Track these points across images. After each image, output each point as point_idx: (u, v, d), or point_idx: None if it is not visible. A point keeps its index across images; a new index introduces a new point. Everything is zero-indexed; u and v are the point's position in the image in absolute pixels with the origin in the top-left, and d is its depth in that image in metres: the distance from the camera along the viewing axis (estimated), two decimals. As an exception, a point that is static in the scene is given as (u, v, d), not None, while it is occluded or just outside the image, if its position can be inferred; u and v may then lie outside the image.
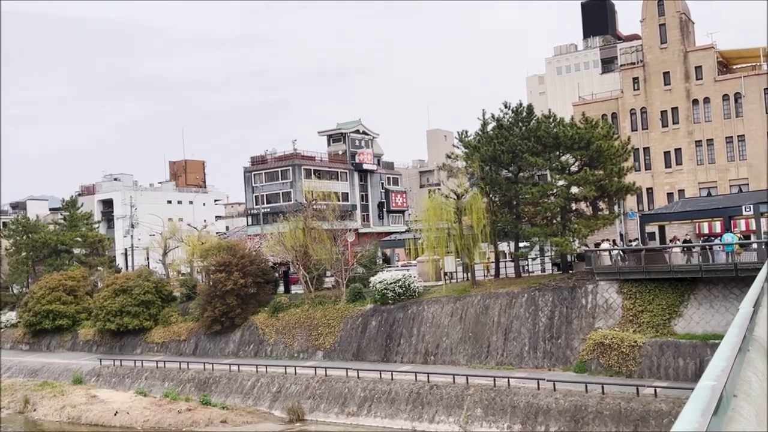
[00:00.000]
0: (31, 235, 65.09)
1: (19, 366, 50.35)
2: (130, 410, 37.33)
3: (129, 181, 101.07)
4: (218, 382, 40.04)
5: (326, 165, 79.97)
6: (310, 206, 50.00)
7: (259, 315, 45.63)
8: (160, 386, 41.65)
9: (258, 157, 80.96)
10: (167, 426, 35.44)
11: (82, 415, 38.19)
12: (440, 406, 31.76)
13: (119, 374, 44.58)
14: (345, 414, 34.13)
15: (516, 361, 34.53)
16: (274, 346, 43.68)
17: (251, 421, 35.08)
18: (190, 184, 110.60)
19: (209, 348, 46.46)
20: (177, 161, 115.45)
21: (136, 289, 50.09)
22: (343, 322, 41.63)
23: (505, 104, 40.25)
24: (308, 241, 45.97)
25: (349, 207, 78.95)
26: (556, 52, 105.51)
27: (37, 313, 54.85)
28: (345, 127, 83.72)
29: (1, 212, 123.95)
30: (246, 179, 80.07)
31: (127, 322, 49.59)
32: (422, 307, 39.09)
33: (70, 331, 55.12)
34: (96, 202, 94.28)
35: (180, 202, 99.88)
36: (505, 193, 39.73)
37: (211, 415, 35.76)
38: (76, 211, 68.56)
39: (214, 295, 45.33)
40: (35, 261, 64.98)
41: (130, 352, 49.63)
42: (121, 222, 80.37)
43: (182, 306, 51.11)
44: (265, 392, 37.86)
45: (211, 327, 45.95)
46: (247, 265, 46.41)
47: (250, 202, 79.82)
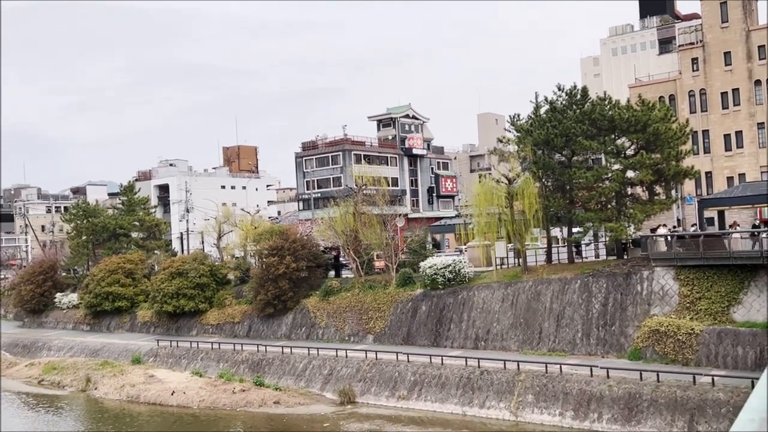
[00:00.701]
0: (91, 219, 67.13)
1: (80, 346, 52.22)
2: (186, 390, 38.35)
3: (184, 166, 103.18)
4: (271, 363, 40.77)
5: (376, 150, 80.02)
6: (360, 191, 50.18)
7: (311, 298, 46.20)
8: (215, 367, 42.66)
9: (309, 142, 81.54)
10: (222, 406, 36.30)
11: (140, 394, 39.42)
12: (491, 392, 31.66)
13: (176, 355, 45.82)
14: (395, 397, 34.36)
15: (568, 347, 34.12)
16: (325, 330, 44.19)
17: (303, 402, 35.64)
18: (243, 169, 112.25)
19: (262, 330, 47.30)
20: (230, 147, 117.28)
21: (192, 272, 51.27)
22: (393, 306, 41.81)
23: (559, 87, 39.52)
24: (358, 226, 46.20)
25: (399, 192, 78.94)
26: (611, 32, 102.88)
27: (97, 294, 56.72)
28: (395, 111, 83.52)
29: (63, 197, 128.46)
30: (297, 164, 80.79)
31: (183, 304, 50.86)
32: (473, 293, 38.93)
33: (128, 312, 56.85)
34: (153, 187, 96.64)
35: (233, 188, 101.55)
36: (558, 178, 39.09)
37: (264, 395, 36.46)
38: (134, 195, 70.41)
39: (266, 279, 46.07)
40: (95, 244, 67.04)
41: (186, 333, 50.91)
42: (177, 206, 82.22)
43: (236, 289, 52.12)
44: (316, 374, 38.39)
45: (264, 310, 46.77)
46: (299, 249, 46.96)
47: (301, 187, 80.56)
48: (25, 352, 54.71)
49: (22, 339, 57.84)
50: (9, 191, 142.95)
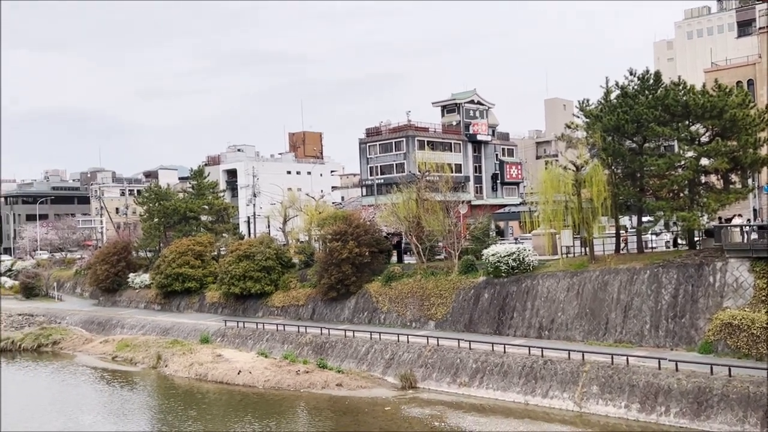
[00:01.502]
0: (162, 202, 69.23)
1: (152, 324, 54.16)
2: (252, 370, 39.31)
3: (251, 152, 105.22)
4: (334, 346, 41.35)
5: (440, 136, 79.61)
6: (423, 177, 50.07)
7: (373, 283, 46.53)
8: (280, 348, 43.55)
9: (372, 128, 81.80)
10: (286, 386, 37.07)
11: (208, 372, 40.62)
12: (554, 382, 31.27)
13: (242, 335, 47.00)
14: (457, 384, 34.34)
15: (636, 339, 33.33)
16: (387, 314, 44.47)
17: (365, 385, 36.03)
18: (308, 155, 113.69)
19: (325, 313, 47.98)
20: (296, 133, 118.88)
21: (258, 255, 52.38)
22: (455, 293, 41.70)
23: (631, 71, 38.30)
24: (421, 212, 46.16)
25: (462, 178, 78.42)
26: (686, 15, 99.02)
27: (168, 275, 58.62)
28: (459, 97, 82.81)
29: (137, 181, 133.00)
30: (361, 150, 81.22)
31: (250, 286, 52.05)
32: (537, 281, 38.43)
33: (197, 293, 58.56)
34: (221, 171, 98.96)
35: (299, 173, 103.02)
36: (628, 165, 38.03)
37: (327, 378, 37.04)
38: (203, 180, 72.23)
39: (330, 263, 46.64)
40: (166, 227, 69.16)
41: (252, 314, 52.13)
42: (244, 191, 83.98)
43: (301, 272, 52.97)
44: (378, 358, 38.72)
45: (328, 293, 47.40)
46: (362, 234, 47.31)
47: (365, 173, 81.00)
48: (100, 329, 57.12)
49: (98, 317, 60.40)
50: (86, 174, 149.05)
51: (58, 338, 54.59)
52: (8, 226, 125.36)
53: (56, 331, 55.90)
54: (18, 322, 59.25)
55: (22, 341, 54.68)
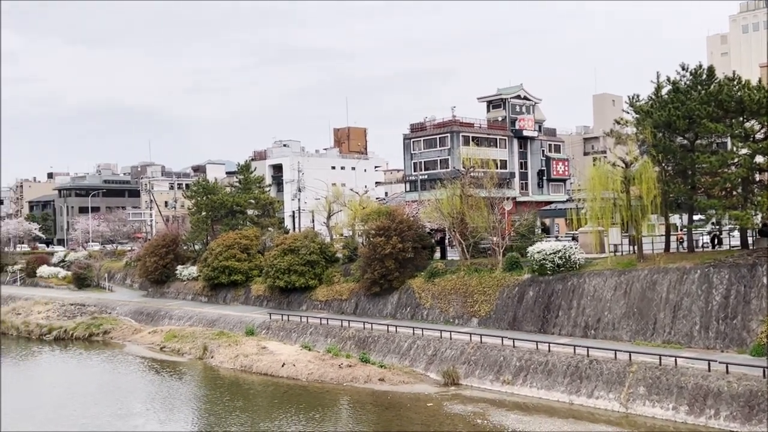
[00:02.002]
0: (210, 196, 70.36)
1: (199, 316, 55.19)
2: (296, 363, 39.74)
3: (297, 147, 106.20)
4: (377, 341, 41.50)
5: (485, 132, 79.03)
6: (468, 173, 49.78)
7: (416, 279, 46.53)
8: (323, 342, 43.92)
9: (417, 124, 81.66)
10: (329, 380, 37.38)
11: (253, 364, 41.22)
12: (600, 382, 30.82)
13: (286, 328, 47.54)
14: (500, 382, 34.12)
15: (684, 340, 32.60)
16: (429, 310, 44.42)
17: (408, 381, 36.08)
18: (353, 150, 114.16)
19: (368, 308, 48.18)
20: (340, 128, 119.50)
21: (303, 249, 52.87)
22: (499, 290, 41.40)
23: (683, 66, 37.36)
24: (465, 208, 45.93)
25: (507, 175, 77.71)
26: (742, 8, 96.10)
27: (215, 268, 59.60)
28: (505, 92, 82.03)
29: (185, 175, 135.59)
30: (405, 146, 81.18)
31: (294, 280, 52.60)
32: (583, 280, 37.88)
33: (243, 286, 59.43)
34: (267, 166, 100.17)
35: (343, 168, 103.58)
36: (679, 162, 37.13)
37: (370, 372, 37.20)
38: (250, 174, 73.20)
39: (373, 258, 46.80)
40: (214, 220, 70.29)
41: (297, 308, 52.68)
42: (290, 186, 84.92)
43: (344, 267, 53.29)
44: (421, 354, 38.73)
45: (371, 288, 47.59)
46: (405, 230, 47.32)
47: (409, 169, 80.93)
48: (149, 320, 58.46)
49: (146, 307, 61.83)
50: (136, 168, 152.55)
51: (109, 328, 56.11)
52: (62, 218, 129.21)
53: (107, 321, 57.46)
54: (70, 312, 61.05)
55: (74, 330, 56.38)
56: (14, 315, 62.79)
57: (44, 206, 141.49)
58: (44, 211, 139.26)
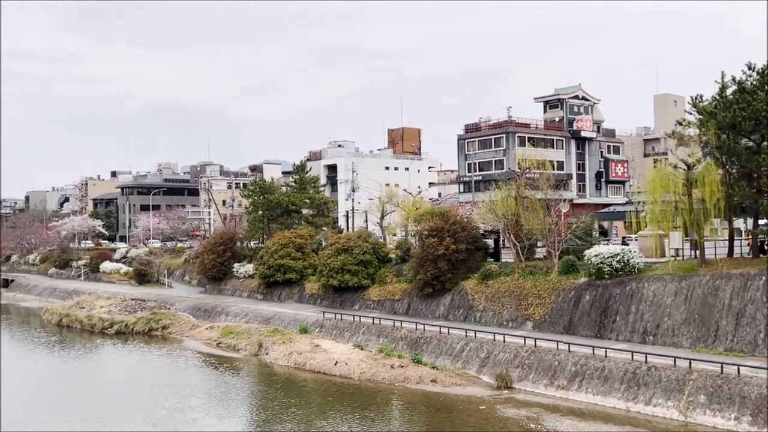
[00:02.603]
0: (266, 195, 71.50)
1: (254, 313, 56.12)
2: (348, 361, 40.00)
3: (351, 147, 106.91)
4: (429, 342, 41.42)
5: (541, 132, 78.00)
6: (524, 174, 49.20)
7: (469, 281, 46.25)
8: (376, 341, 44.08)
9: (472, 124, 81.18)
10: (381, 379, 37.49)
11: (306, 362, 41.67)
12: (658, 389, 30.05)
13: (339, 327, 47.91)
14: (554, 386, 33.62)
15: (748, 348, 31.48)
16: (483, 313, 44.09)
17: (460, 383, 35.89)
18: (407, 151, 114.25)
19: (421, 309, 48.13)
20: (394, 129, 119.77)
21: (356, 249, 53.20)
22: (554, 294, 40.80)
23: (749, 65, 36.07)
24: (520, 210, 45.39)
25: (564, 176, 76.52)
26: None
27: (270, 266, 60.54)
28: (563, 92, 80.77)
29: (242, 174, 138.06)
30: (459, 147, 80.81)
31: (348, 279, 52.98)
32: (642, 284, 36.97)
33: (297, 284, 60.17)
34: (322, 166, 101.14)
35: (396, 169, 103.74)
36: (744, 165, 35.85)
37: (422, 373, 37.16)
38: (305, 174, 74.07)
39: (426, 259, 46.72)
40: (270, 219, 71.40)
41: (350, 307, 53.02)
42: (344, 186, 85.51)
43: (397, 267, 53.39)
44: (473, 357, 38.48)
45: (423, 289, 47.52)
46: (459, 231, 47.09)
47: (463, 170, 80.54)
48: (206, 316, 59.75)
49: (204, 304, 63.22)
50: (195, 168, 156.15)
51: (168, 323, 57.58)
52: (124, 216, 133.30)
53: (166, 316, 58.98)
54: (131, 307, 62.89)
55: (134, 325, 58.08)
56: (78, 309, 65.10)
57: (107, 204, 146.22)
58: (107, 208, 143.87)
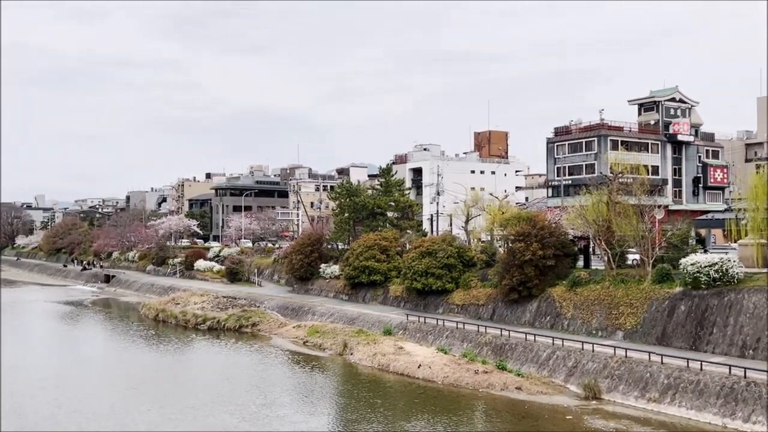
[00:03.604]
0: (352, 198, 72.50)
1: (340, 313, 56.95)
2: (431, 365, 39.94)
3: (437, 151, 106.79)
4: (514, 349, 40.81)
5: (635, 136, 75.31)
6: (616, 179, 47.71)
7: (557, 288, 45.25)
8: (459, 346, 43.82)
9: (561, 127, 79.35)
10: (464, 384, 37.22)
11: (390, 363, 41.89)
12: (758, 406, 28.45)
13: (423, 330, 47.91)
14: (645, 399, 32.42)
15: None
16: (570, 321, 43.04)
17: (546, 392, 35.18)
18: (493, 154, 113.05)
19: (506, 315, 47.48)
20: (481, 132, 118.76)
21: (441, 252, 53.09)
22: (647, 303, 39.34)
23: None
24: (612, 215, 44.04)
25: (659, 181, 73.59)
26: None
27: (355, 267, 61.30)
28: (659, 95, 77.76)
29: (330, 177, 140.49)
30: (548, 150, 79.14)
31: (431, 282, 52.92)
32: (742, 296, 35.10)
33: (382, 286, 60.62)
34: (407, 170, 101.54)
35: (482, 172, 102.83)
36: None
37: (506, 380, 36.65)
38: (391, 177, 74.62)
39: (512, 264, 46.06)
40: (355, 221, 72.33)
41: (433, 310, 52.93)
42: (429, 189, 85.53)
43: (481, 272, 52.90)
44: (560, 365, 37.63)
45: (509, 295, 46.87)
46: (546, 236, 46.19)
47: (551, 174, 78.83)
48: (293, 315, 61.10)
49: (291, 303, 64.68)
50: (285, 170, 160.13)
51: (257, 321, 59.25)
52: (217, 216, 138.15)
53: (255, 314, 60.70)
54: (223, 304, 65.09)
55: (226, 321, 60.09)
56: (173, 305, 67.96)
57: (202, 204, 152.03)
58: (202, 208, 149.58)
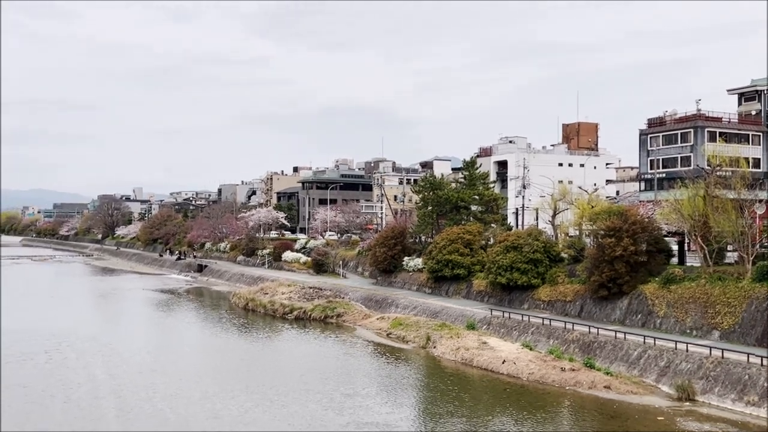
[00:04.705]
0: (436, 191, 72.28)
1: (423, 306, 56.99)
2: (516, 361, 39.40)
3: (523, 143, 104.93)
4: (603, 347, 39.70)
5: (735, 127, 71.74)
6: (714, 172, 45.52)
7: (649, 285, 43.66)
8: (545, 343, 43.01)
9: (655, 119, 76.52)
10: (550, 382, 36.52)
11: (473, 358, 41.61)
12: None
13: (507, 326, 47.31)
14: (743, 402, 30.87)
15: None
16: (663, 319, 41.45)
17: (636, 391, 34.06)
18: (582, 147, 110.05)
19: (594, 312, 46.23)
20: (570, 124, 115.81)
21: (526, 247, 52.18)
22: (746, 302, 37.39)
23: None
24: (709, 210, 42.06)
25: (761, 175, 69.78)
26: None
27: (438, 261, 61.16)
28: (761, 83, 73.65)
29: (413, 170, 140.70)
30: (641, 142, 76.56)
31: (516, 277, 52.12)
32: None
33: (465, 280, 60.22)
34: (492, 163, 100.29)
35: (571, 165, 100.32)
36: None
37: (594, 378, 35.71)
38: (475, 171, 73.91)
39: (601, 260, 44.77)
40: (439, 215, 72.12)
41: (518, 306, 52.15)
42: (514, 183, 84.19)
43: (569, 267, 51.67)
44: (652, 365, 36.32)
45: (598, 291, 45.60)
46: (638, 231, 44.65)
47: (644, 167, 76.23)
48: (377, 307, 61.65)
49: (375, 295, 65.26)
50: (369, 164, 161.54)
51: (342, 312, 60.13)
52: (304, 209, 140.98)
53: (340, 305, 61.62)
54: (309, 294, 66.41)
55: (312, 311, 61.31)
56: (262, 294, 69.93)
57: (289, 197, 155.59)
58: (289, 201, 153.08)
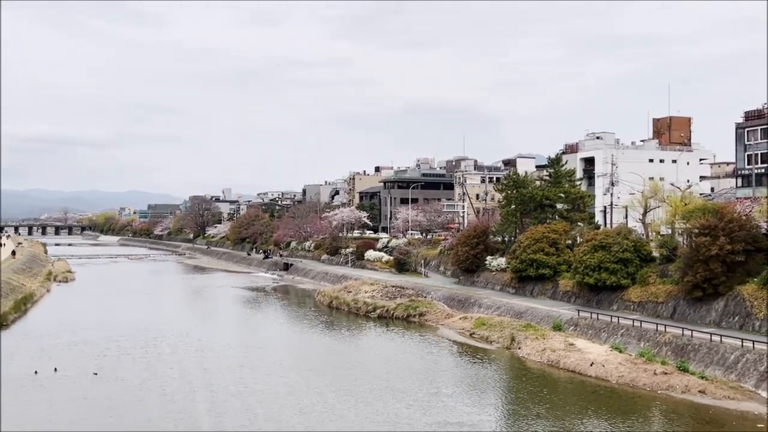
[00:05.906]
0: (519, 189, 71.18)
1: (506, 307, 56.29)
2: (605, 363, 38.35)
3: (611, 139, 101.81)
4: (697, 350, 38.09)
5: (843, 118, 67.08)
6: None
7: (747, 285, 41.59)
8: (635, 345, 41.65)
9: (753, 111, 72.53)
10: (641, 385, 35.37)
11: (560, 360, 40.79)
12: None
13: (595, 327, 46.09)
14: None
15: None
16: (763, 322, 39.36)
17: (733, 397, 32.51)
18: (674, 142, 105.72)
19: (688, 314, 44.41)
20: (661, 118, 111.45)
21: (615, 246, 50.66)
22: None
23: None
24: (813, 207, 39.65)
25: None
26: None
27: (523, 261, 60.25)
28: None
29: (496, 168, 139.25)
30: (737, 136, 72.77)
31: (605, 277, 50.68)
32: None
33: (551, 280, 59.07)
34: (578, 159, 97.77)
35: (662, 161, 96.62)
36: None
37: (688, 382, 34.33)
38: (560, 168, 72.31)
39: (695, 260, 42.97)
40: (522, 213, 70.98)
41: (606, 307, 50.71)
42: (601, 180, 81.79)
43: (660, 267, 49.84)
44: (750, 369, 34.58)
45: (691, 292, 43.79)
46: (735, 230, 42.58)
47: (741, 162, 72.41)
48: (459, 306, 61.34)
49: (457, 294, 64.96)
50: (450, 162, 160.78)
51: (424, 311, 60.17)
52: (385, 208, 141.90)
53: (422, 304, 61.68)
54: (391, 293, 66.80)
55: (394, 310, 61.66)
56: (346, 293, 70.91)
57: (371, 197, 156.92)
58: (371, 201, 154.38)
